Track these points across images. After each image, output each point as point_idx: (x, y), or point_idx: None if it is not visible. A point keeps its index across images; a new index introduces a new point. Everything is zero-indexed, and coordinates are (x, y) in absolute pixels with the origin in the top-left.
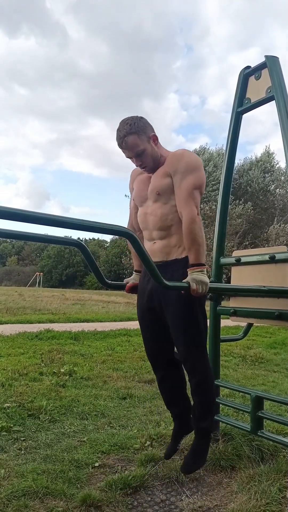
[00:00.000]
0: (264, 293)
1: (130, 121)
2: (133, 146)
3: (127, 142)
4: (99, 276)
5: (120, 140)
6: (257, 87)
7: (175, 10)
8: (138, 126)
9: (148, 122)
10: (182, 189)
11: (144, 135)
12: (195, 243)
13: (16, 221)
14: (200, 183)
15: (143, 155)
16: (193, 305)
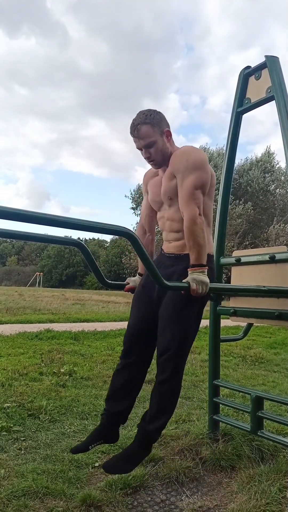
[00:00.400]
0: (264, 293)
1: (147, 112)
2: (144, 136)
3: (139, 131)
4: (99, 276)
5: (133, 128)
6: (257, 87)
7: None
8: (153, 118)
9: (165, 117)
10: (183, 189)
11: (157, 128)
12: (196, 244)
13: (16, 221)
14: (202, 182)
15: (153, 147)
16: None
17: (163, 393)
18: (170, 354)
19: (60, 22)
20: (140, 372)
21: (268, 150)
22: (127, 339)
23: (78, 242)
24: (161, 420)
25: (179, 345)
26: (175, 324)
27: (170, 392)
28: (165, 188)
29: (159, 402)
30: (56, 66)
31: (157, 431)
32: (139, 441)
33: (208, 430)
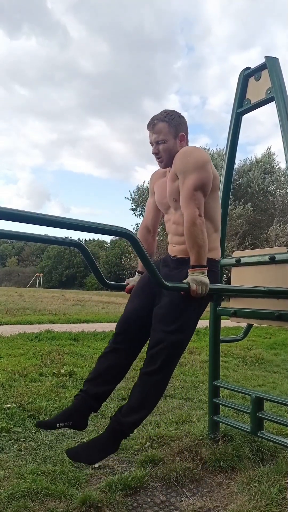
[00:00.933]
0: (264, 294)
1: (170, 111)
2: (158, 131)
3: (155, 125)
4: (99, 276)
5: (151, 122)
6: (257, 88)
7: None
8: (172, 119)
9: (186, 123)
10: (183, 190)
11: (173, 129)
12: (196, 245)
13: (16, 222)
14: (202, 183)
15: (163, 145)
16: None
17: (148, 385)
18: (163, 346)
19: (61, 22)
20: (126, 360)
21: (268, 151)
22: (122, 323)
23: (78, 243)
24: (139, 414)
25: (174, 340)
26: (172, 319)
27: (156, 386)
28: (170, 189)
29: (142, 394)
30: (56, 66)
31: (131, 426)
32: (110, 433)
33: (208, 431)
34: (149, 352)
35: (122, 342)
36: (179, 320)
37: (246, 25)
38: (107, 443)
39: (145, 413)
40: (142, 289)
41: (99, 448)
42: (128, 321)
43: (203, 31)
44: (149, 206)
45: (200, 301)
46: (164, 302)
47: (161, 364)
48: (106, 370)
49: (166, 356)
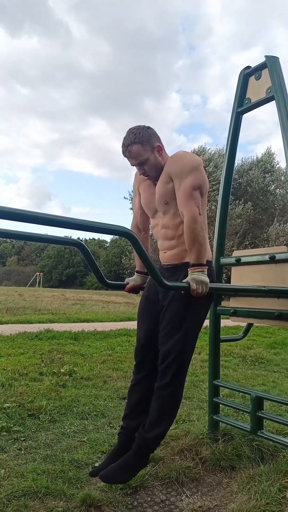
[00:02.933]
0: (264, 293)
1: (135, 130)
2: (136, 155)
3: (130, 152)
4: (99, 276)
5: (124, 149)
6: (257, 87)
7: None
8: (142, 136)
9: (155, 132)
10: (181, 190)
11: (148, 145)
12: (196, 242)
13: (16, 221)
14: (199, 183)
15: (146, 164)
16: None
17: (164, 399)
18: (171, 358)
19: (62, 21)
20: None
21: (268, 151)
22: (138, 353)
23: (78, 242)
24: (160, 428)
25: (180, 350)
26: (176, 328)
27: (171, 398)
28: (161, 192)
29: (160, 408)
30: (57, 66)
31: (155, 440)
32: (137, 451)
33: (208, 430)
34: (160, 367)
35: (143, 370)
36: (181, 329)
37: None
38: (136, 460)
39: (166, 425)
40: (144, 312)
41: (131, 466)
42: (143, 349)
43: (204, 30)
44: (136, 205)
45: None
46: (166, 315)
47: (172, 376)
48: (138, 402)
49: (176, 367)
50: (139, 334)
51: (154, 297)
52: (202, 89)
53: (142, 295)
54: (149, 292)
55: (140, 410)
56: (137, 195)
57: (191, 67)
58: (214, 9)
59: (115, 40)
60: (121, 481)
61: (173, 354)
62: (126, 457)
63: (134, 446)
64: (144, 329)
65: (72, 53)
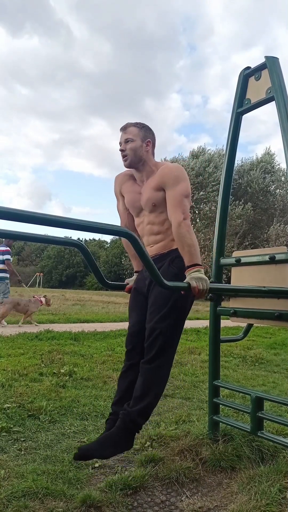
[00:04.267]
0: (264, 293)
1: (141, 122)
2: (128, 132)
3: (126, 128)
4: (99, 276)
5: (124, 125)
6: (257, 87)
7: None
8: (143, 127)
9: (154, 135)
10: (172, 198)
11: (142, 133)
12: (185, 244)
13: (16, 222)
14: (188, 191)
15: (129, 144)
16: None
17: (148, 373)
18: (156, 334)
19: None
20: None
21: (268, 151)
22: (129, 340)
23: (78, 243)
24: (144, 401)
25: (166, 324)
26: (162, 306)
27: (155, 372)
28: (150, 196)
29: (144, 383)
30: (58, 66)
31: (140, 414)
32: (120, 426)
33: (208, 430)
34: (146, 343)
35: (134, 357)
36: (166, 306)
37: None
38: (119, 436)
39: (150, 400)
40: (136, 300)
41: (113, 441)
42: (133, 338)
43: (205, 30)
44: (121, 208)
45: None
46: (152, 295)
47: (157, 351)
48: (128, 388)
49: (160, 343)
50: (130, 323)
51: (142, 286)
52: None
53: (132, 288)
54: (138, 283)
55: (130, 396)
56: (120, 199)
57: (192, 67)
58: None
59: (115, 40)
60: (101, 455)
61: (157, 330)
62: (109, 433)
63: (118, 422)
64: (134, 318)
65: (72, 53)
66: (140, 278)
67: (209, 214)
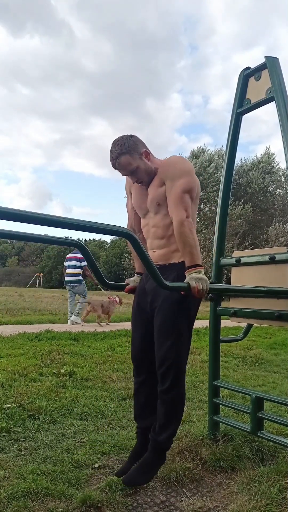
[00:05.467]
0: (264, 293)
1: (120, 141)
2: (126, 166)
3: (120, 163)
4: (99, 276)
5: (113, 162)
6: (257, 88)
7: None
8: (128, 146)
9: (139, 139)
10: (172, 193)
11: (135, 153)
12: (187, 245)
13: (16, 222)
14: (190, 187)
15: (137, 172)
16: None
17: (168, 402)
18: (169, 363)
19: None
20: (155, 384)
21: (268, 151)
22: (134, 359)
23: (78, 243)
24: (170, 429)
25: (175, 353)
26: (168, 334)
27: (175, 400)
28: (154, 194)
29: (166, 412)
30: (59, 65)
31: (168, 440)
32: (153, 452)
33: (208, 431)
34: (159, 371)
35: (143, 373)
36: (172, 336)
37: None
38: (155, 460)
39: (175, 425)
40: (136, 318)
41: (150, 467)
42: (137, 357)
43: (206, 30)
44: (129, 207)
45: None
46: (156, 323)
47: (172, 379)
48: (146, 403)
49: (174, 372)
50: (133, 339)
51: (144, 302)
52: (203, 89)
53: (134, 300)
54: (140, 297)
55: (150, 409)
56: (130, 197)
57: (193, 67)
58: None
59: (117, 40)
60: (144, 482)
61: (169, 360)
62: (144, 459)
63: (149, 447)
64: (138, 335)
65: (73, 53)
66: (142, 291)
67: (209, 214)
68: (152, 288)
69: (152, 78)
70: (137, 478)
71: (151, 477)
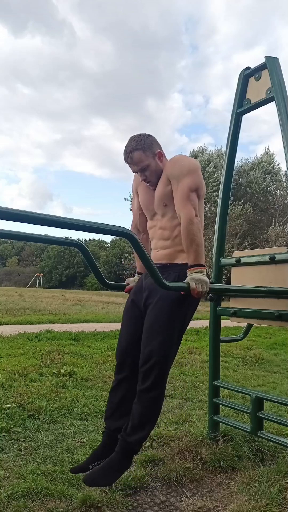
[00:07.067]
0: (264, 293)
1: (137, 138)
2: (138, 162)
3: (132, 158)
4: (99, 276)
5: (126, 155)
6: (257, 88)
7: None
8: (144, 143)
9: (155, 139)
10: (179, 192)
11: (149, 152)
12: (194, 243)
13: (16, 222)
14: (197, 185)
15: (147, 170)
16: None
17: (147, 402)
18: (154, 361)
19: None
20: (135, 385)
21: (267, 151)
22: (118, 354)
23: (78, 243)
24: (143, 431)
25: (163, 352)
26: (159, 331)
27: (154, 402)
28: (161, 194)
29: (142, 413)
30: (60, 65)
31: (138, 443)
32: (120, 453)
33: (208, 431)
34: (142, 368)
35: (124, 372)
36: (165, 332)
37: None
38: (121, 462)
39: (149, 428)
40: (127, 314)
41: (115, 468)
42: (123, 352)
43: (207, 30)
44: (135, 206)
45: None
46: (151, 316)
47: (155, 379)
48: (120, 404)
49: (158, 371)
50: (121, 335)
51: (139, 299)
52: (204, 89)
53: (129, 297)
54: (135, 294)
55: (122, 411)
56: (136, 197)
57: (194, 66)
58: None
59: (118, 40)
60: (107, 483)
61: (154, 357)
62: (110, 460)
63: (117, 449)
64: (127, 331)
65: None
66: (139, 289)
67: (209, 214)
68: (149, 285)
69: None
70: (100, 479)
71: (115, 479)
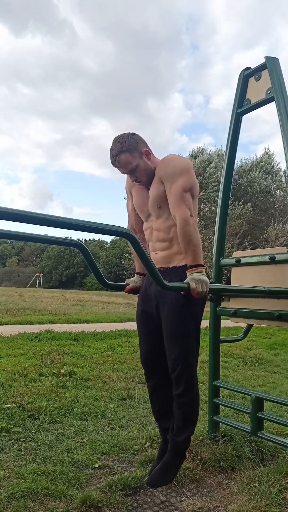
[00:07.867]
0: (264, 294)
1: (121, 139)
2: (125, 164)
3: (119, 161)
4: (99, 277)
5: (113, 159)
6: (257, 88)
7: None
8: (129, 144)
9: (141, 137)
10: (172, 193)
11: (136, 152)
12: (191, 244)
13: (16, 222)
14: (190, 185)
15: (137, 171)
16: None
17: (184, 405)
18: (180, 368)
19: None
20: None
21: (267, 151)
22: (143, 364)
23: (78, 243)
24: (188, 430)
25: (185, 359)
26: (176, 340)
27: (191, 403)
28: (154, 195)
29: (183, 414)
30: (60, 65)
31: (186, 441)
32: (172, 452)
33: (208, 431)
34: (172, 375)
35: (155, 378)
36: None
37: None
38: (175, 460)
39: (193, 425)
40: (142, 325)
41: (171, 467)
42: (147, 362)
43: (208, 30)
44: (129, 207)
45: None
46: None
47: (185, 383)
48: (161, 408)
49: (186, 376)
50: (141, 345)
51: (149, 308)
52: (205, 89)
53: (138, 308)
54: (144, 304)
55: (167, 411)
56: (130, 197)
57: (194, 66)
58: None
59: (118, 40)
60: (167, 482)
61: (180, 365)
62: (165, 461)
63: (169, 448)
64: (145, 341)
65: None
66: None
67: (209, 214)
68: (156, 293)
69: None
70: (159, 480)
71: (173, 476)
